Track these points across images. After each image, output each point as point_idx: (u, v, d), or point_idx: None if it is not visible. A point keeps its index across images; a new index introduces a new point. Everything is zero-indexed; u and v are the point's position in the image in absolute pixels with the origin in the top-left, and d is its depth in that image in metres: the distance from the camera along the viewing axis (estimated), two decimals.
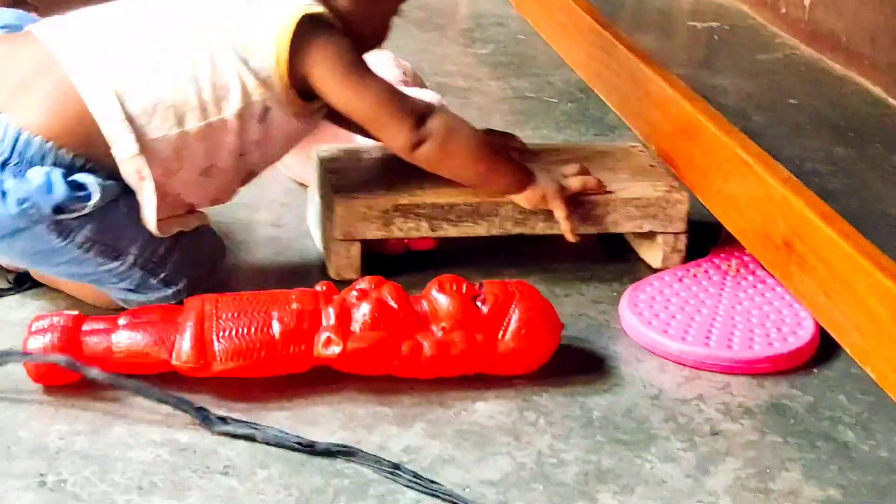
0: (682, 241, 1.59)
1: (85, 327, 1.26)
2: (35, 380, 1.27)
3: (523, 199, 1.52)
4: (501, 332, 1.30)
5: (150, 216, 1.35)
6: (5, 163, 1.29)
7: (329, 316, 1.26)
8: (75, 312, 1.28)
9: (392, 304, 1.28)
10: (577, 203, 1.55)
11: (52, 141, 1.30)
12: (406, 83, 1.95)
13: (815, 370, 1.39)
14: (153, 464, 1.18)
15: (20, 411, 1.25)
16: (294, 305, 1.27)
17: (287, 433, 1.22)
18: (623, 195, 1.57)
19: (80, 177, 1.31)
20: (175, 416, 1.24)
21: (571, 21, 2.14)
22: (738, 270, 1.56)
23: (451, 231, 1.54)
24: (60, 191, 1.28)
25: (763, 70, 2.51)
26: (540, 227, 1.56)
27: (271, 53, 1.36)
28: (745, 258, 1.57)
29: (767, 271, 1.50)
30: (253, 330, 1.24)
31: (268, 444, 1.21)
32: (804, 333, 1.41)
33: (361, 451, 1.20)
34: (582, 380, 1.35)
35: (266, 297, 1.28)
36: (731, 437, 1.26)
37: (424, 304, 1.31)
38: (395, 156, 1.51)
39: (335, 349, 1.25)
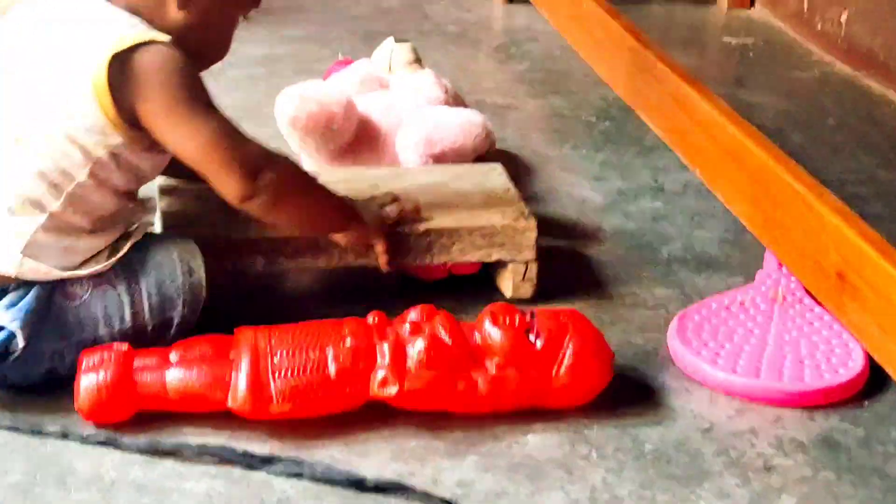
0: (533, 270, 1.55)
1: (136, 363, 1.26)
2: (87, 417, 1.26)
3: (342, 237, 1.46)
4: (556, 368, 1.29)
5: (87, 273, 1.31)
6: None
7: (384, 353, 1.26)
8: (125, 347, 1.28)
9: (446, 339, 1.28)
10: (424, 233, 1.51)
11: None
12: (448, 103, 1.96)
13: (866, 403, 1.38)
14: (208, 495, 1.18)
15: (73, 441, 1.25)
16: (348, 342, 1.26)
17: (337, 470, 1.21)
18: (468, 223, 1.53)
19: None
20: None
21: (609, 38, 2.13)
22: (784, 298, 1.55)
23: (288, 265, 1.49)
24: None
25: (799, 88, 2.50)
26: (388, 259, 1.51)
27: (94, 107, 1.26)
28: (792, 286, 1.56)
29: (816, 300, 1.49)
30: (309, 370, 1.24)
31: (316, 481, 1.21)
32: (854, 365, 1.41)
33: (412, 487, 1.19)
34: (632, 411, 1.35)
35: (319, 331, 1.28)
36: (785, 473, 1.26)
37: (477, 336, 1.30)
38: None
39: (392, 389, 1.25)
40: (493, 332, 1.29)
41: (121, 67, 1.26)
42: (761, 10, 2.99)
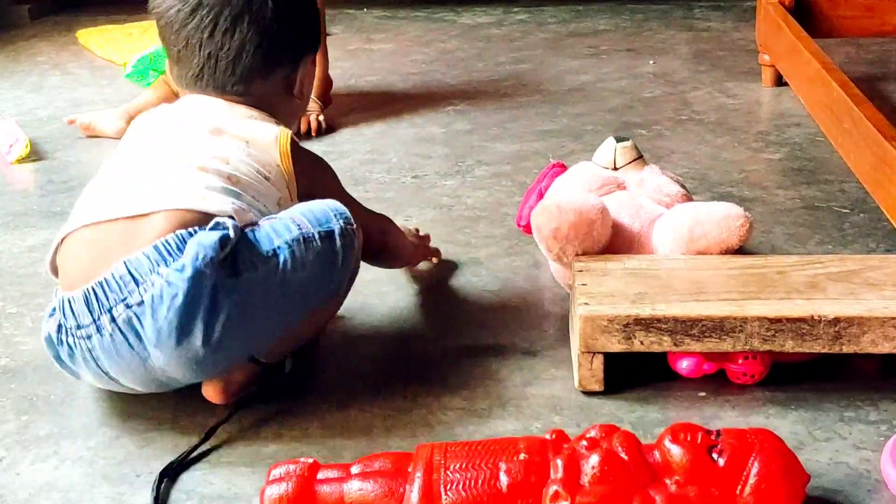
0: None
1: (320, 475, 1.30)
2: None
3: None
4: (739, 488, 1.25)
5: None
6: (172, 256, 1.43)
7: (557, 468, 1.25)
8: (311, 460, 1.32)
9: (623, 455, 1.26)
10: (833, 321, 1.49)
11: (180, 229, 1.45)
12: (686, 197, 1.93)
13: None
14: None
15: None
16: (521, 456, 1.27)
17: None
18: (881, 313, 1.50)
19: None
20: None
21: (857, 130, 2.04)
22: None
23: (694, 346, 1.53)
24: (211, 233, 1.42)
25: None
26: (790, 345, 1.51)
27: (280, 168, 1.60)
28: None
29: None
30: (480, 482, 1.25)
31: None
32: None
33: None
34: None
35: (494, 446, 1.29)
36: None
37: (657, 454, 1.27)
38: (644, 266, 1.65)
39: None
40: (672, 450, 1.26)
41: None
42: None
